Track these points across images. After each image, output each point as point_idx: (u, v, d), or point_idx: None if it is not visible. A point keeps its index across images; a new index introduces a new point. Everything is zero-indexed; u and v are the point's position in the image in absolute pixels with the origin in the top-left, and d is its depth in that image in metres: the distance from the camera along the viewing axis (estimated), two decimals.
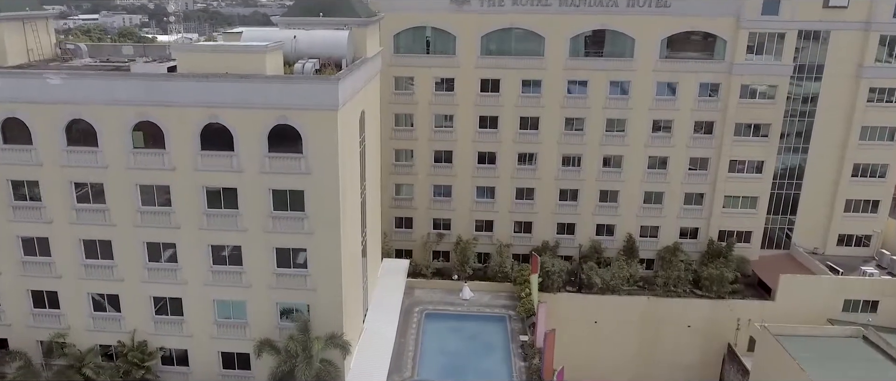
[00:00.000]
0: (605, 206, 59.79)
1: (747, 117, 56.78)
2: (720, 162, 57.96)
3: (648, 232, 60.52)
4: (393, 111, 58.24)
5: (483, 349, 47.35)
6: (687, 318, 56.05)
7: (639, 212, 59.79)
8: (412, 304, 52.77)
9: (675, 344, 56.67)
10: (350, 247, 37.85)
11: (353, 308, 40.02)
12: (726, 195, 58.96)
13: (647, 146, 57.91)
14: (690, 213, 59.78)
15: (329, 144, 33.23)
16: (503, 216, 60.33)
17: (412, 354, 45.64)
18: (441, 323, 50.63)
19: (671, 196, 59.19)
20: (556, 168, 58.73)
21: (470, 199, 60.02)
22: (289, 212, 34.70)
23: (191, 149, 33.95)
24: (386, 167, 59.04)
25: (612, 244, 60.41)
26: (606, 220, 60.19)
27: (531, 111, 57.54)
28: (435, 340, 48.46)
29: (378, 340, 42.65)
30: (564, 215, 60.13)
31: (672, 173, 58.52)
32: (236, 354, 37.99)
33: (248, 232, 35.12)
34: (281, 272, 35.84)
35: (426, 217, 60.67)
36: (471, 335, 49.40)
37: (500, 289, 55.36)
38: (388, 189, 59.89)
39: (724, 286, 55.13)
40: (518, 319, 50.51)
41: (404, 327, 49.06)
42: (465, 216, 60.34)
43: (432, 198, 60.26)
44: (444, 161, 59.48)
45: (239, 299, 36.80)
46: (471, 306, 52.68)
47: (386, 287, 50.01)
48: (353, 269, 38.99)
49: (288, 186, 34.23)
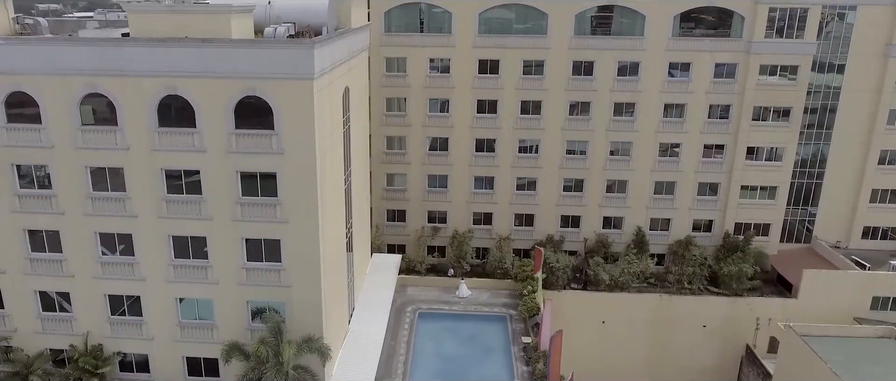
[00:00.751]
0: (613, 197, 55.58)
1: (766, 100, 52.57)
2: (737, 149, 53.75)
3: (659, 225, 56.32)
4: (384, 95, 54.00)
5: (482, 352, 43.11)
6: (702, 317, 51.89)
7: (649, 203, 55.57)
8: (404, 303, 48.52)
9: (689, 346, 52.52)
10: (332, 239, 33.63)
11: (336, 308, 35.79)
12: (743, 185, 54.74)
13: (657, 132, 53.69)
14: (704, 204, 55.56)
15: (305, 120, 28.97)
16: (503, 208, 56.11)
17: (403, 357, 41.41)
18: (436, 323, 46.37)
19: (684, 186, 54.97)
20: (559, 156, 54.51)
21: (467, 190, 55.77)
22: (259, 198, 30.46)
23: (147, 125, 29.70)
24: (377, 156, 54.85)
25: (619, 238, 56.19)
26: (614, 212, 55.96)
27: (533, 95, 53.33)
28: (429, 342, 44.21)
29: (365, 342, 38.40)
30: (569, 206, 55.90)
31: (685, 161, 54.31)
32: (203, 359, 33.76)
33: (213, 221, 30.85)
34: (252, 267, 31.59)
35: (420, 209, 56.43)
36: (468, 336, 45.15)
37: (500, 286, 51.12)
38: (379, 179, 55.66)
39: (742, 283, 50.99)
40: (519, 319, 46.29)
41: (395, 327, 44.83)
42: (462, 208, 56.10)
43: (427, 189, 56.01)
44: (440, 149, 55.25)
45: (205, 298, 32.54)
46: (468, 305, 48.45)
47: (375, 284, 45.76)
48: (335, 263, 34.76)
49: (258, 167, 29.98)
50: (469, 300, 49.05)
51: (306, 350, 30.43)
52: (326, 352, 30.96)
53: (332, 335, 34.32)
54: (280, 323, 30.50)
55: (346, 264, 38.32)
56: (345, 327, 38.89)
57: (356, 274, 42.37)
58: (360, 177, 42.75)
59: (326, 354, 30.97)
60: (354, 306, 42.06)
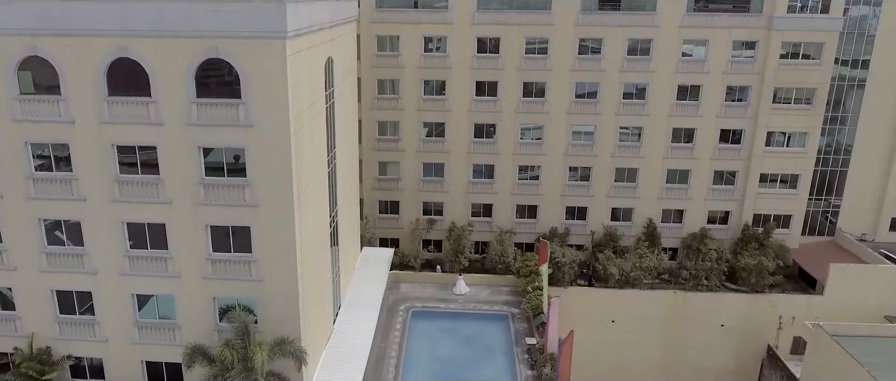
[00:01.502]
0: (622, 186, 51.59)
1: (788, 81, 48.59)
2: (756, 134, 49.78)
3: (671, 217, 52.36)
4: (375, 77, 49.95)
5: (481, 354, 39.13)
6: (719, 315, 47.95)
7: (661, 193, 51.59)
8: (397, 300, 44.53)
9: (705, 346, 48.59)
10: (312, 227, 29.63)
11: (318, 305, 31.78)
12: (763, 173, 50.73)
13: (670, 116, 49.70)
14: (721, 194, 51.59)
15: (276, 88, 24.97)
16: (504, 199, 52.10)
17: (395, 360, 37.42)
18: (431, 323, 42.38)
19: (698, 175, 51.00)
20: (564, 143, 50.52)
21: (465, 179, 51.78)
22: (225, 178, 26.47)
23: (95, 94, 25.70)
24: (368, 142, 50.84)
25: (629, 231, 52.24)
26: (623, 203, 51.96)
27: (536, 76, 49.31)
28: (423, 343, 40.22)
29: (351, 344, 34.41)
30: (575, 197, 51.90)
31: (700, 148, 50.33)
32: (164, 364, 29.75)
33: (173, 205, 26.83)
34: (218, 258, 27.56)
35: (415, 200, 52.41)
36: (466, 336, 41.17)
37: (501, 283, 47.14)
38: (370, 168, 51.64)
39: (762, 278, 47.00)
40: (522, 317, 42.32)
41: (386, 328, 40.84)
42: (460, 199, 52.10)
43: (422, 178, 51.99)
44: (436, 135, 51.24)
45: (165, 294, 28.55)
46: (466, 303, 44.45)
47: (364, 280, 41.77)
48: (316, 256, 30.76)
49: (223, 142, 25.99)
50: (467, 298, 45.06)
51: (279, 354, 26.40)
52: (302, 356, 26.92)
53: (312, 337, 30.34)
54: (248, 323, 26.42)
55: (329, 257, 34.34)
56: (329, 327, 34.89)
57: (343, 269, 38.39)
58: (347, 162, 38.76)
59: (302, 358, 26.93)
60: (340, 304, 38.06)
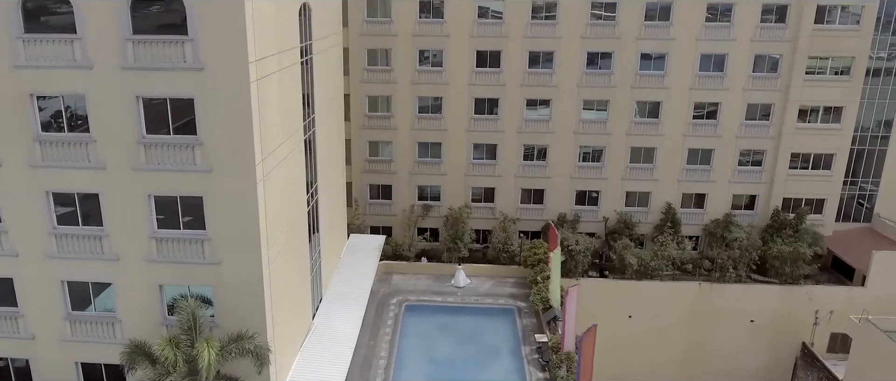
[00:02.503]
0: (638, 168, 46.64)
1: (823, 49, 43.68)
2: (787, 109, 44.87)
3: (692, 201, 47.43)
4: (365, 46, 44.96)
5: (484, 354, 34.11)
6: (749, 310, 43.06)
7: (681, 175, 46.66)
8: (389, 293, 39.52)
9: (732, 345, 43.70)
10: (282, 203, 24.62)
11: (292, 296, 26.74)
12: (794, 153, 45.84)
13: (692, 89, 44.77)
14: (747, 176, 46.68)
15: (232, 18, 19.95)
16: (507, 182, 47.11)
17: (385, 361, 32.41)
18: (427, 318, 37.36)
19: (723, 154, 46.07)
20: (575, 119, 45.56)
21: (464, 160, 46.78)
22: (170, 136, 21.42)
23: (7, 31, 20.64)
24: (357, 120, 45.86)
25: (645, 218, 47.31)
26: (639, 186, 47.03)
27: (544, 44, 44.35)
28: (418, 341, 35.21)
29: (333, 342, 29.38)
30: (586, 179, 46.94)
31: (724, 125, 45.40)
32: (104, 366, 24.65)
33: (107, 171, 21.79)
34: (164, 237, 22.50)
35: (408, 184, 47.41)
36: (467, 334, 36.15)
37: (506, 273, 42.15)
38: (359, 148, 46.65)
39: (799, 268, 42.10)
40: (530, 312, 37.34)
41: (376, 324, 35.85)
42: (459, 183, 47.09)
43: (416, 159, 47.00)
44: (432, 111, 46.25)
45: (102, 281, 23.48)
46: (467, 296, 39.44)
47: (351, 270, 36.74)
48: (289, 237, 25.73)
49: (167, 90, 20.95)
50: (468, 290, 40.04)
51: (236, 353, 21.34)
52: (265, 355, 21.82)
53: (284, 333, 25.31)
54: (197, 314, 21.33)
55: (307, 242, 29.31)
56: (306, 322, 29.83)
57: (325, 257, 33.37)
58: (330, 133, 33.76)
59: (265, 357, 21.83)
60: (322, 297, 33.02)
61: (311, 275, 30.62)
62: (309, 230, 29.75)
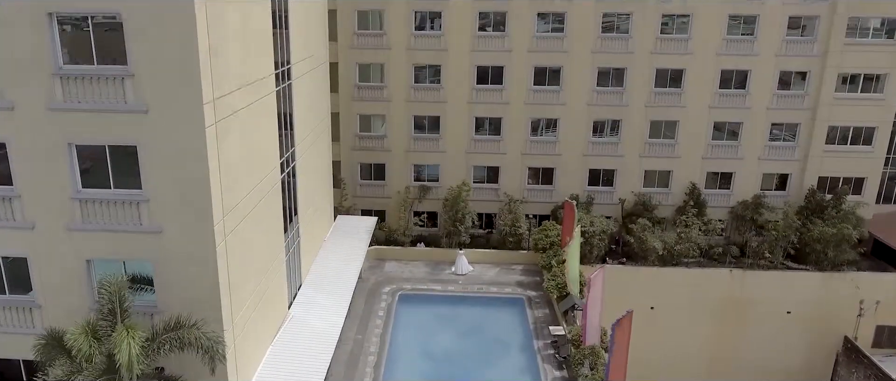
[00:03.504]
0: (658, 143, 42.02)
1: (866, 8, 39.13)
2: (824, 77, 40.28)
3: (718, 181, 42.82)
4: (354, 7, 40.29)
5: (490, 349, 29.49)
6: (786, 300, 38.39)
7: (706, 152, 42.04)
8: (380, 281, 34.88)
9: (766, 338, 39.03)
10: (244, 162, 19.94)
11: (257, 279, 22.04)
12: (832, 125, 41.27)
13: (719, 55, 40.14)
14: (779, 152, 42.05)
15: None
16: (513, 160, 42.45)
17: (374, 358, 27.77)
18: (424, 309, 32.78)
19: (752, 128, 41.46)
20: (588, 89, 40.92)
21: (466, 135, 42.11)
22: (95, 66, 16.71)
23: None
24: (346, 91, 41.23)
25: (666, 199, 42.68)
26: (660, 164, 42.39)
27: (553, 5, 39.74)
28: (413, 335, 30.61)
29: (312, 334, 24.68)
30: (600, 156, 42.29)
31: (754, 95, 40.80)
32: (22, 362, 19.91)
33: (15, 112, 17.08)
34: (90, 197, 17.79)
35: (404, 163, 42.72)
36: (470, 326, 31.57)
37: (513, 259, 37.59)
38: (349, 123, 41.98)
39: (843, 252, 37.49)
40: (543, 301, 32.75)
41: (365, 315, 31.21)
42: (459, 161, 42.41)
43: (412, 135, 42.32)
44: (429, 81, 41.58)
45: (14, 254, 18.75)
46: (469, 284, 34.84)
47: (336, 254, 32.04)
48: (254, 208, 21.04)
49: (88, 6, 16.25)
50: (470, 278, 35.45)
51: (175, 344, 16.58)
52: (215, 349, 17.05)
53: (248, 322, 20.63)
54: (122, 296, 16.57)
55: (280, 217, 24.61)
56: (279, 311, 25.12)
57: (306, 238, 28.69)
58: (312, 91, 29.12)
59: (216, 351, 17.06)
60: (301, 283, 28.31)
61: (288, 257, 25.95)
62: (284, 205, 25.09)
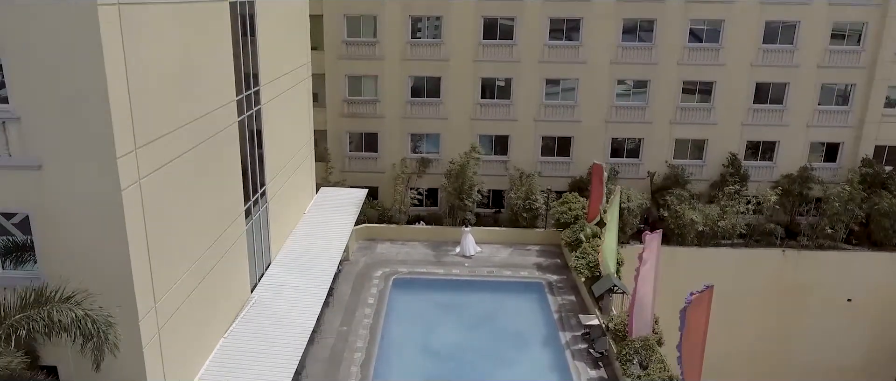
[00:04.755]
0: (692, 108, 36.54)
1: None
2: (884, 32, 34.80)
3: (759, 151, 37.38)
4: None
5: (506, 344, 23.94)
6: (847, 285, 32.98)
7: (746, 117, 36.58)
8: (371, 264, 29.32)
9: (823, 330, 33.65)
10: (169, 79, 14.37)
11: (199, 250, 16.43)
12: (893, 86, 35.85)
13: (762, 3, 34.67)
14: (830, 117, 36.58)
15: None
16: (524, 129, 36.93)
17: (362, 355, 22.23)
18: (423, 297, 27.26)
19: (800, 89, 36.00)
20: (611, 44, 35.42)
21: (470, 99, 36.57)
22: None
23: None
24: (333, 47, 35.71)
25: (701, 172, 37.20)
26: (693, 132, 36.89)
27: None
28: (410, 327, 25.08)
29: (281, 324, 19.09)
30: (625, 124, 36.81)
31: (802, 52, 35.30)
32: None
33: None
34: None
35: (399, 132, 37.16)
36: (480, 317, 26.04)
37: (528, 238, 32.14)
38: (336, 85, 36.43)
39: None
40: (567, 286, 27.25)
41: (352, 303, 25.66)
42: (463, 129, 36.83)
43: (409, 99, 36.76)
44: (428, 36, 36.09)
45: None
46: (477, 267, 29.31)
47: (316, 230, 26.43)
48: (189, 147, 15.46)
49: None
50: (478, 260, 29.95)
51: (38, 329, 10.98)
52: (104, 334, 11.42)
53: (186, 304, 15.09)
54: None
55: (237, 173, 19.05)
56: (238, 294, 19.53)
57: (278, 209, 23.14)
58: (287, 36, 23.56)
59: (103, 339, 11.43)
60: (270, 262, 22.74)
61: (250, 229, 20.41)
62: (245, 160, 19.55)
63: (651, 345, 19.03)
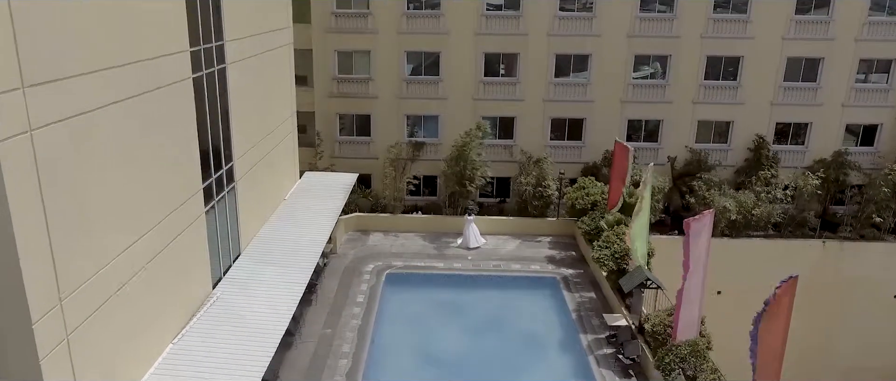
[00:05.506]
0: (716, 87, 33.15)
1: None
2: None
3: (790, 134, 33.99)
4: None
5: (518, 350, 20.48)
6: (894, 280, 29.56)
7: (776, 96, 33.19)
8: (361, 257, 25.86)
9: (868, 331, 30.19)
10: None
11: (134, 232, 12.99)
12: None
13: None
14: (868, 96, 33.22)
15: None
16: (532, 109, 33.50)
17: (348, 362, 18.77)
18: (420, 294, 23.82)
19: (835, 65, 32.64)
20: (628, 14, 32.02)
21: (472, 76, 33.13)
22: None
23: None
24: (320, 18, 32.26)
25: (726, 157, 33.80)
26: (717, 112, 33.49)
27: None
28: (405, 329, 21.64)
29: (246, 326, 15.63)
30: (642, 104, 33.40)
31: (839, 22, 31.93)
32: None
33: None
34: None
35: (394, 113, 33.71)
36: (486, 317, 22.59)
37: (539, 229, 28.75)
38: (324, 61, 32.98)
39: None
40: (585, 281, 23.84)
41: (339, 302, 22.21)
42: (465, 109, 33.39)
43: (405, 77, 33.32)
44: (427, 6, 32.63)
45: None
46: (482, 261, 25.85)
47: (296, 218, 22.97)
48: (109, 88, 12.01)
49: None
50: (483, 253, 26.51)
51: None
52: None
53: (112, 301, 11.64)
54: None
55: (192, 141, 15.61)
56: (195, 290, 16.06)
57: (251, 192, 19.70)
58: None
59: None
60: (239, 253, 19.29)
61: (213, 212, 16.97)
62: (202, 131, 16.12)
63: (701, 351, 15.64)
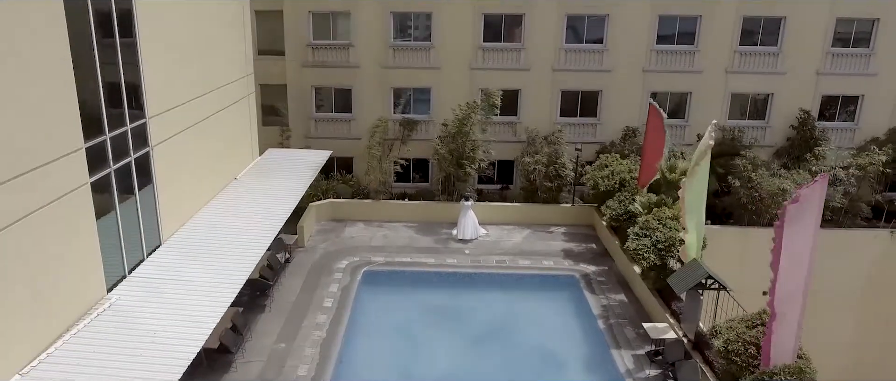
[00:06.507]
0: (753, 53, 28.43)
1: None
2: None
3: (837, 109, 29.35)
4: None
5: (530, 370, 15.74)
6: None
7: (822, 64, 28.49)
8: (333, 252, 21.04)
9: None
10: None
11: None
12: None
13: None
14: None
15: None
16: (539, 80, 28.73)
17: None
18: (404, 298, 19.06)
19: (889, 30, 28.00)
20: None
21: (469, 42, 28.34)
22: None
23: None
24: None
25: (763, 136, 29.13)
26: (754, 83, 28.80)
27: None
28: (384, 343, 16.85)
29: (146, 343, 10.85)
30: (665, 73, 28.60)
31: None
32: None
33: None
34: None
35: (379, 85, 28.90)
36: (489, 327, 17.82)
37: (551, 217, 24.01)
38: (297, 23, 28.14)
39: None
40: (611, 280, 19.09)
41: (299, 308, 17.41)
42: (461, 82, 28.61)
43: (391, 42, 28.49)
44: None
45: None
46: (483, 255, 21.06)
47: (245, 201, 18.15)
48: None
49: None
50: (484, 246, 21.74)
51: None
52: None
53: None
54: None
55: (67, 72, 10.83)
56: (74, 292, 11.29)
57: (180, 168, 14.94)
58: None
59: None
60: (159, 244, 14.50)
61: (108, 187, 12.23)
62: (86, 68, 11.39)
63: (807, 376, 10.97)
